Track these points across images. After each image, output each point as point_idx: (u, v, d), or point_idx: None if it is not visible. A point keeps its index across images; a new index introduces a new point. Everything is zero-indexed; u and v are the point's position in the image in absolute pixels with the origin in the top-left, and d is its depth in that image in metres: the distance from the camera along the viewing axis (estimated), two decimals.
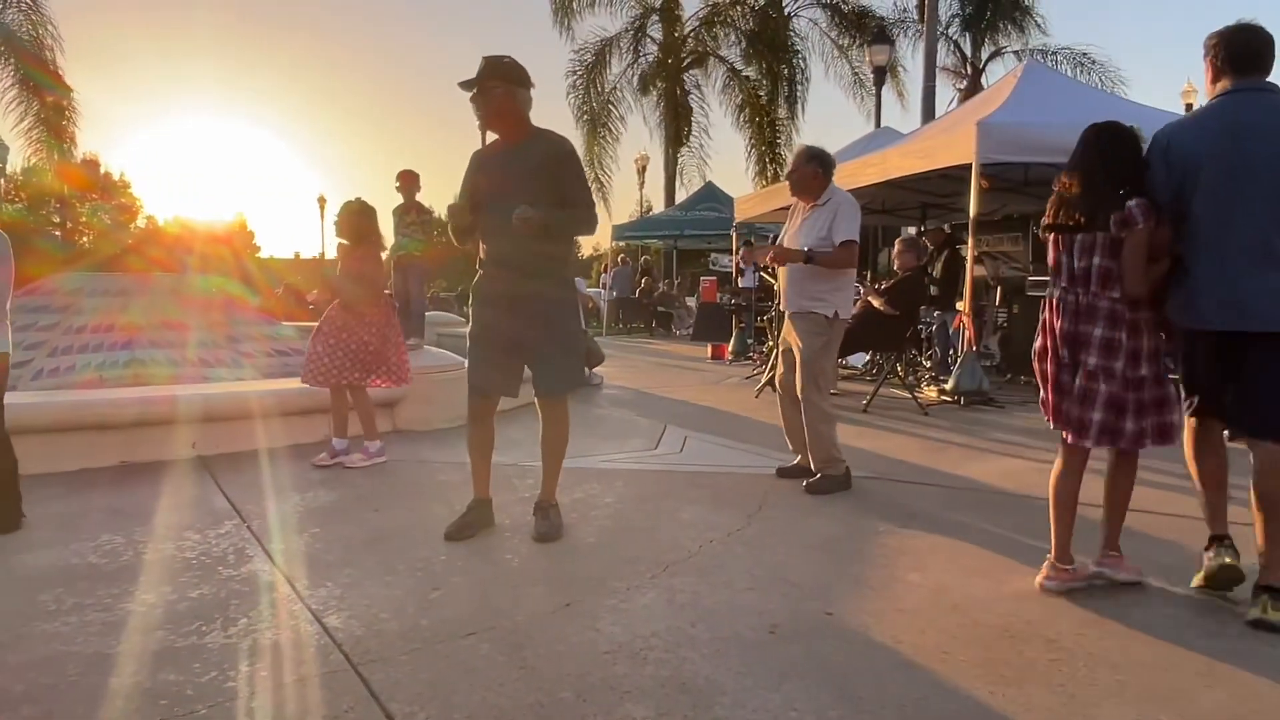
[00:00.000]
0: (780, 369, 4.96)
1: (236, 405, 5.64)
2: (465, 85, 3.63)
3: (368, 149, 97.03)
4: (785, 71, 23.84)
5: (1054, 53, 22.39)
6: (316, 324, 5.48)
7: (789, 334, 4.77)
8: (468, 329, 3.94)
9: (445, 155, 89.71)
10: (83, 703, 2.32)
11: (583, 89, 24.46)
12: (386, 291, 6.00)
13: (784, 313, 4.84)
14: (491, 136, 3.81)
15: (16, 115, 21.12)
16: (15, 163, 21.80)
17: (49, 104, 20.72)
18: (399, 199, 8.71)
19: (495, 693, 2.37)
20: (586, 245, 41.74)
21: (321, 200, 34.35)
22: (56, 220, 23.34)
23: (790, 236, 4.79)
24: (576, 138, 24.66)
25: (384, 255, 6.30)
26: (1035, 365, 3.24)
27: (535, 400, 3.86)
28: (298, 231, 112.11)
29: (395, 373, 5.41)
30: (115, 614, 2.93)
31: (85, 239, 23.34)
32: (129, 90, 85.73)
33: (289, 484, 4.72)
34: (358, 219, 5.35)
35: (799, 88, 24.06)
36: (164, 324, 8.06)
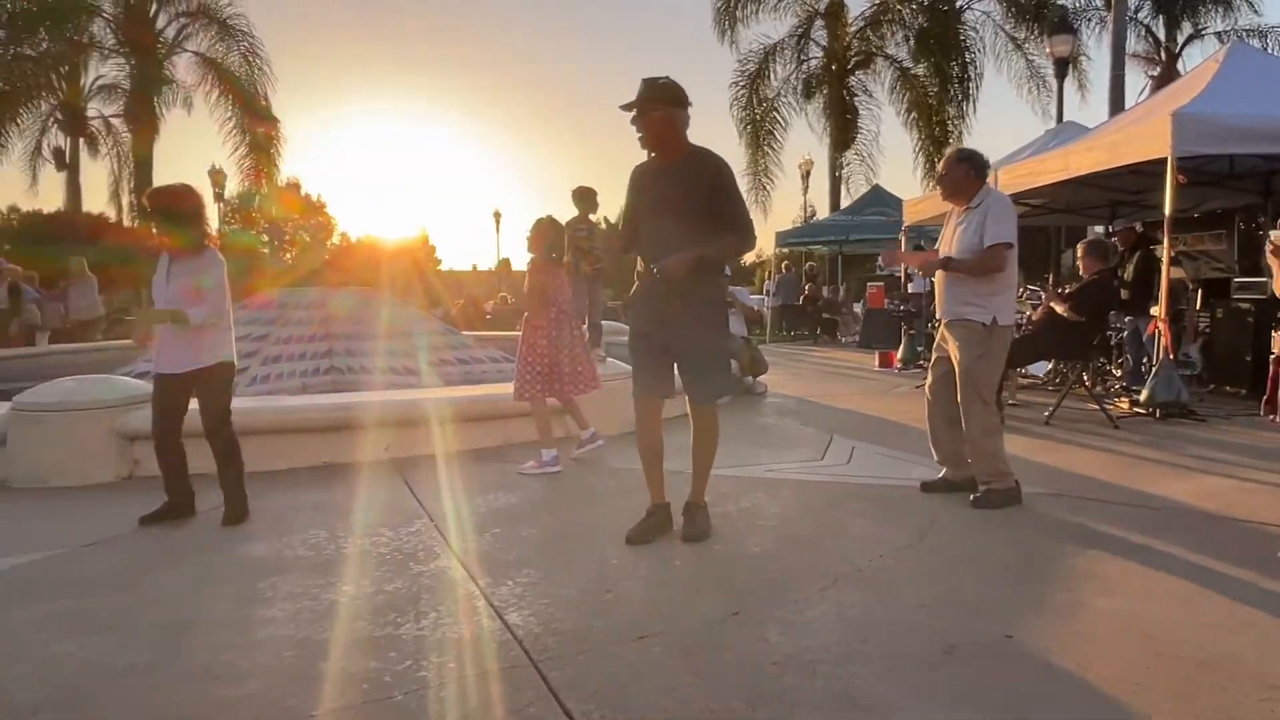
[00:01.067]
0: (930, 378, 4.80)
1: (424, 411, 6.03)
2: (626, 108, 3.80)
3: (542, 164, 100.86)
4: (955, 69, 22.92)
5: (1266, 33, 20.35)
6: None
7: (945, 342, 4.61)
8: (628, 338, 4.14)
9: (615, 168, 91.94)
10: (296, 682, 2.57)
11: (745, 98, 24.46)
12: (615, 304, 6.28)
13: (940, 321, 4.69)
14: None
15: (233, 144, 23.51)
16: (231, 189, 24.20)
17: (260, 135, 22.88)
18: (573, 213, 9.02)
19: (667, 696, 2.44)
20: (749, 252, 41.56)
21: (497, 215, 36.00)
22: (265, 239, 25.69)
23: (946, 242, 4.63)
24: (739, 149, 24.72)
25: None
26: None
27: (689, 409, 4.02)
28: (475, 245, 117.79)
29: (583, 380, 5.62)
30: (321, 603, 3.22)
31: (289, 256, 25.55)
32: (325, 116, 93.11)
33: (472, 486, 5.00)
34: (546, 234, 5.67)
35: (970, 84, 23.08)
36: (359, 334, 8.73)
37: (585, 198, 8.02)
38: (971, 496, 4.46)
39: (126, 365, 7.27)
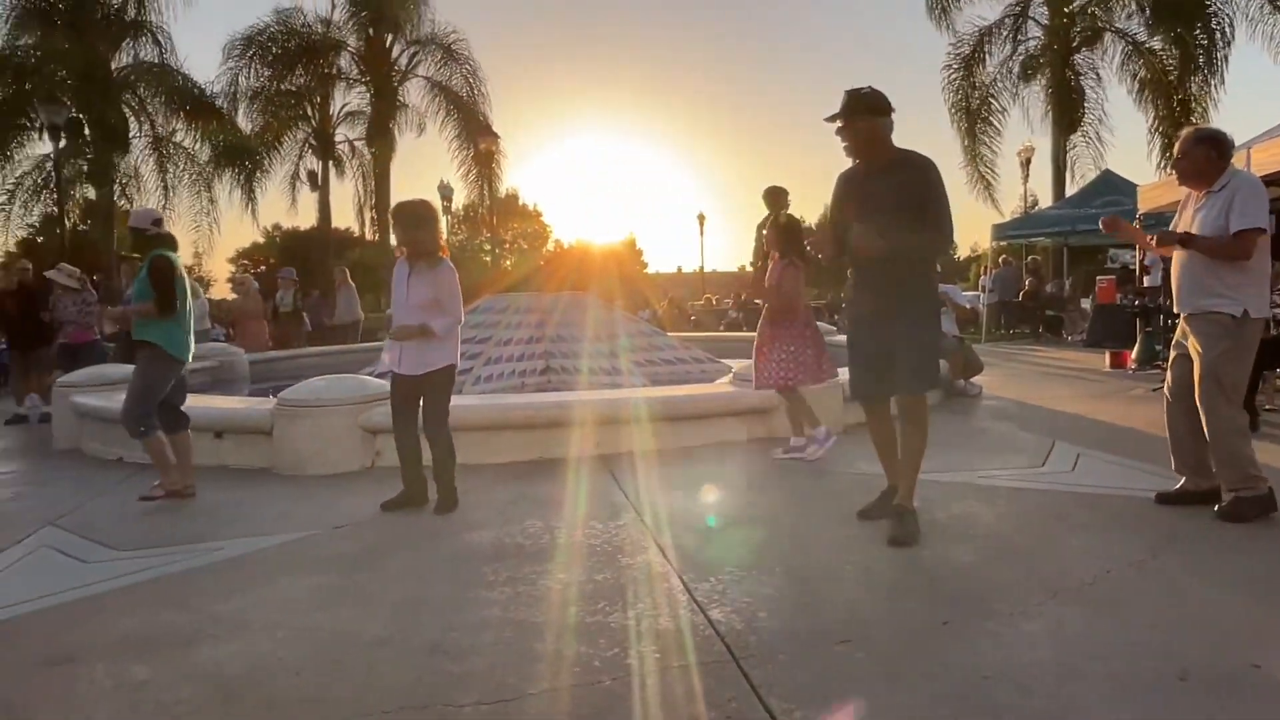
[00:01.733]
0: (1169, 378, 4.37)
1: (632, 410, 6.24)
2: (831, 119, 3.91)
3: (745, 165, 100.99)
4: (1199, 38, 20.61)
5: None
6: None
7: (1186, 338, 4.18)
8: (846, 339, 4.26)
9: (814, 169, 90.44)
10: (515, 660, 2.77)
11: (958, 82, 23.27)
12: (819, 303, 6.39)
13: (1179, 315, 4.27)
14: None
15: (458, 161, 25.34)
16: (458, 201, 26.08)
17: (482, 151, 24.49)
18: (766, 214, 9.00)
19: (870, 702, 2.41)
20: (963, 246, 39.50)
21: (701, 218, 36.35)
22: (487, 248, 27.45)
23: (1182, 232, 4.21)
24: (950, 137, 23.57)
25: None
26: None
27: (897, 404, 4.06)
28: (679, 247, 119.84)
29: (815, 371, 5.68)
30: (538, 589, 3.43)
31: (508, 262, 27.15)
32: (541, 129, 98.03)
33: (676, 483, 5.12)
34: (784, 233, 5.86)
35: (1216, 55, 20.65)
36: (571, 336, 9.15)
37: (776, 197, 7.98)
38: (1217, 507, 4.05)
39: (370, 366, 8.05)
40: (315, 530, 4.43)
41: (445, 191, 25.22)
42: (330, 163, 25.90)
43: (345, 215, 28.52)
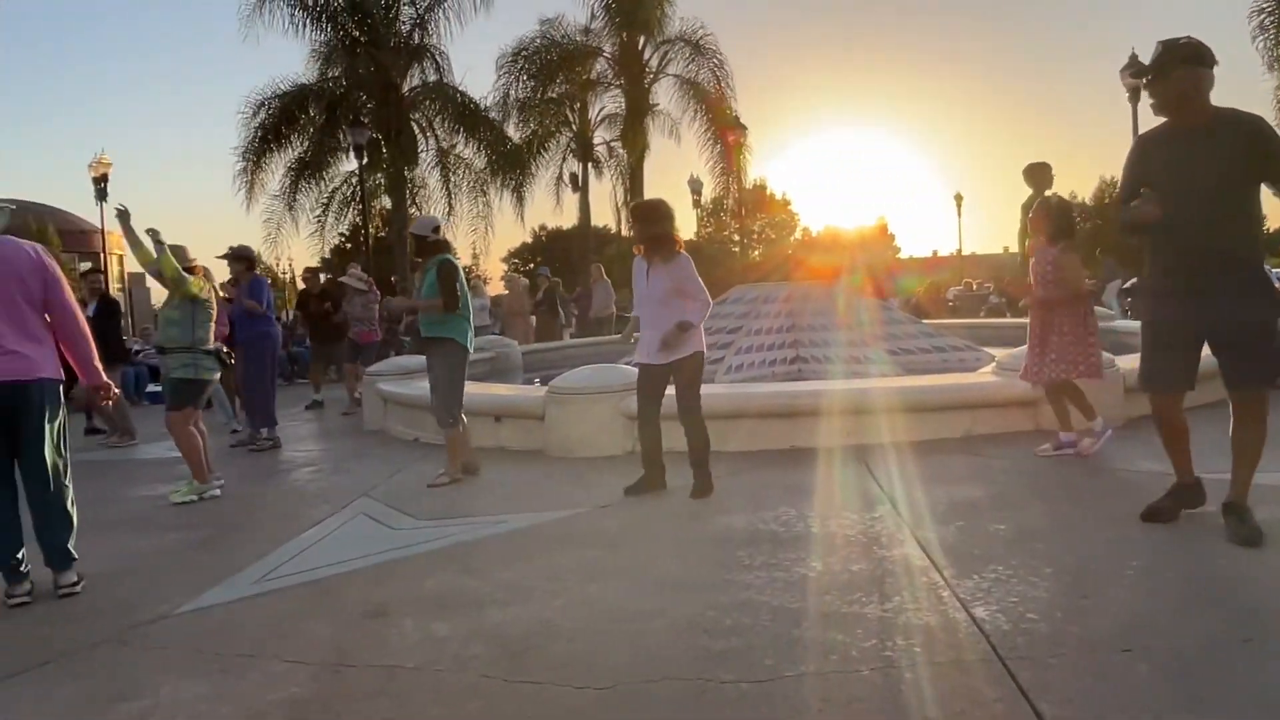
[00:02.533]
0: None
1: (885, 399, 6.10)
2: (1141, 72, 3.59)
3: (1005, 141, 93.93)
4: None
5: None
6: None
7: None
8: (1145, 324, 3.82)
9: (1082, 140, 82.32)
10: (773, 643, 2.83)
11: (1275, 27, 20.20)
12: (1090, 282, 5.93)
13: None
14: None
15: (707, 155, 25.79)
16: (707, 194, 26.56)
17: (730, 143, 24.75)
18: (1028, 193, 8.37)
19: (1157, 718, 2.23)
20: (1275, 217, 34.29)
21: (958, 198, 34.41)
22: (736, 239, 27.72)
23: None
24: (1266, 86, 20.54)
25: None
26: None
27: (1229, 395, 3.60)
28: (935, 230, 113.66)
29: (1091, 366, 5.27)
30: (793, 575, 3.48)
31: (757, 253, 27.26)
32: (787, 115, 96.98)
33: (933, 476, 4.95)
34: (1055, 217, 5.43)
35: None
36: (822, 325, 9.07)
37: (1038, 175, 7.39)
38: None
39: (628, 356, 8.45)
40: (584, 508, 4.76)
41: (695, 186, 25.78)
42: (589, 164, 27.30)
43: (604, 214, 29.97)
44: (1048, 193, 6.85)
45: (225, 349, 6.09)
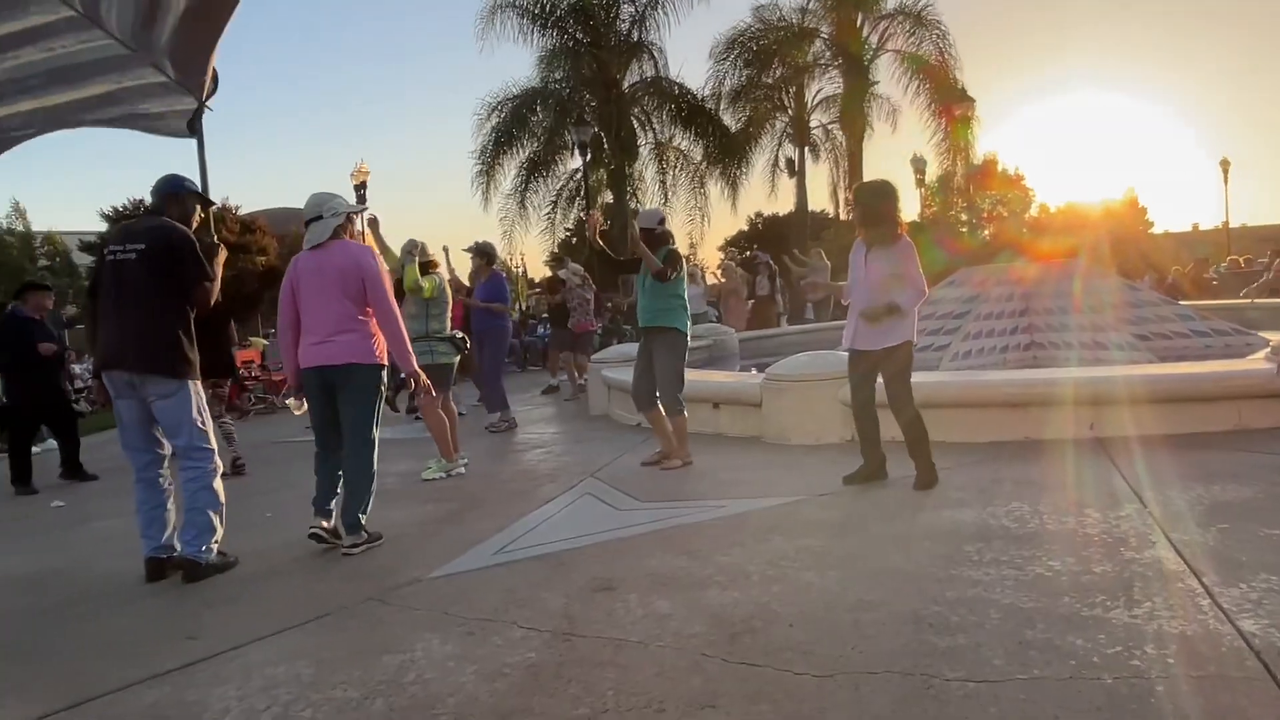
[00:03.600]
0: None
1: (1134, 389, 5.59)
2: None
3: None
4: None
5: None
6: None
7: None
8: None
9: None
10: (1003, 643, 2.70)
11: None
12: None
13: None
14: None
15: (930, 130, 24.60)
16: (931, 173, 25.30)
17: (956, 117, 23.45)
18: None
19: None
20: None
21: (1225, 164, 30.52)
22: (963, 218, 26.27)
23: None
24: None
25: None
26: None
27: None
28: (1194, 201, 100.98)
29: None
30: (1026, 574, 3.29)
31: (987, 232, 25.70)
32: (1018, 84, 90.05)
33: (1190, 473, 4.49)
34: None
35: None
36: (1060, 308, 8.43)
37: None
38: None
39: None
40: (801, 496, 4.74)
41: (918, 164, 24.64)
42: (805, 149, 26.86)
43: (820, 198, 29.34)
44: None
45: (461, 335, 6.51)
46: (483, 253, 8.53)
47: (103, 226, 27.80)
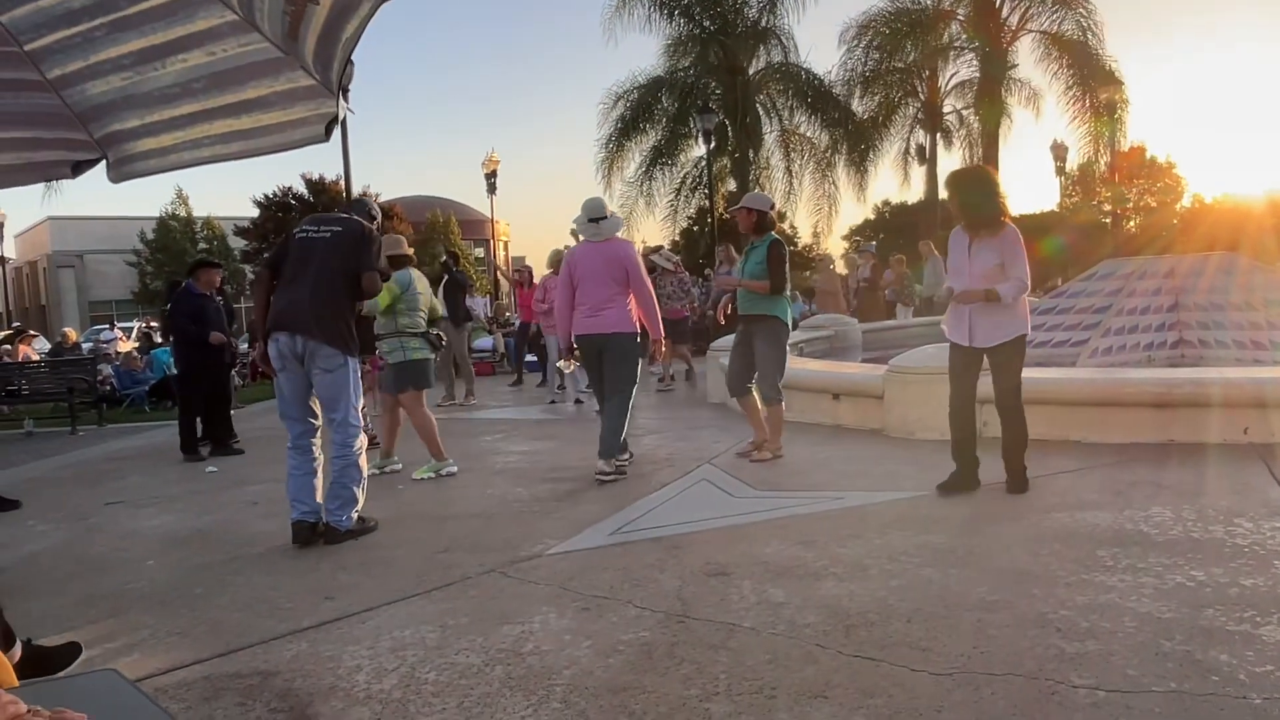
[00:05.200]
0: None
1: None
2: None
3: None
4: None
5: None
6: None
7: None
8: None
9: None
10: (1138, 653, 2.57)
11: None
12: None
13: None
14: None
15: (1072, 114, 23.24)
16: (1073, 160, 24.01)
17: (1101, 101, 22.10)
18: None
19: None
20: None
21: None
22: (1106, 209, 24.82)
23: None
24: None
25: None
26: None
27: None
28: None
29: None
30: (1166, 582, 3.11)
31: (1132, 224, 24.20)
32: (1171, 65, 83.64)
33: None
34: None
35: None
36: (1212, 305, 7.88)
37: None
38: None
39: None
40: (923, 492, 4.62)
41: (1059, 151, 23.43)
42: (937, 135, 25.94)
43: None
44: None
45: (437, 332, 6.12)
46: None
47: (254, 212, 29.59)
